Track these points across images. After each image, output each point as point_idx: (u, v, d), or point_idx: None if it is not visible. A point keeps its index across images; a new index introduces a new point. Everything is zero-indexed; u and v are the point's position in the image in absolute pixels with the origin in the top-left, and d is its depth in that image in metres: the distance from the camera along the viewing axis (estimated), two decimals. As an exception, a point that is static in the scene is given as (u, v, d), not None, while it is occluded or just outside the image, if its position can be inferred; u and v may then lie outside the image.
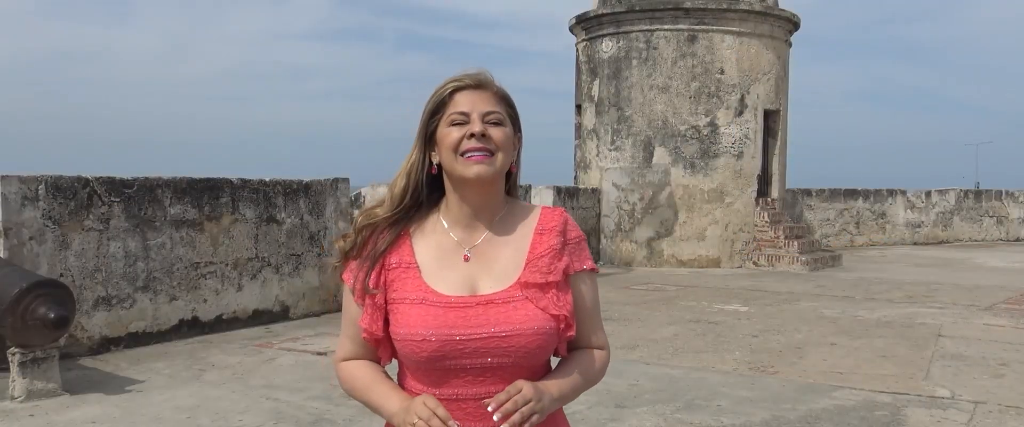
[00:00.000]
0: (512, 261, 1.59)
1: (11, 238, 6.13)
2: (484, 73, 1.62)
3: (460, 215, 1.61)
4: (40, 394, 5.24)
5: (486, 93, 1.60)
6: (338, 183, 9.07)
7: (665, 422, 4.83)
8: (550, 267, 1.58)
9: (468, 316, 1.52)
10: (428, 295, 1.55)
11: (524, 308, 1.54)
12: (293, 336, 7.50)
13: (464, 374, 1.53)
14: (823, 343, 7.28)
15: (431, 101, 1.61)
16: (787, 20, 14.75)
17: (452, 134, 1.56)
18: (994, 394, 5.53)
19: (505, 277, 1.58)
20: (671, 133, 14.26)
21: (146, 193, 7.13)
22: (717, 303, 9.74)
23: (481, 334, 1.51)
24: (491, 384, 1.53)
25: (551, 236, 1.62)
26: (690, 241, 14.31)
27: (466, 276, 1.58)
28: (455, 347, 1.51)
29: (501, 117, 1.59)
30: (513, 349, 1.52)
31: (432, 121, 1.60)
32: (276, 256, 8.35)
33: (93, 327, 6.70)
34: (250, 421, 4.82)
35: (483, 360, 1.52)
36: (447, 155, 1.57)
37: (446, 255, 1.60)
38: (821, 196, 19.37)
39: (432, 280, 1.57)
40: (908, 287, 11.43)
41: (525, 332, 1.52)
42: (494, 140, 1.56)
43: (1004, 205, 21.71)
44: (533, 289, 1.56)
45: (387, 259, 1.60)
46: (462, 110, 1.57)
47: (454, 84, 1.60)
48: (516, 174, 1.68)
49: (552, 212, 1.67)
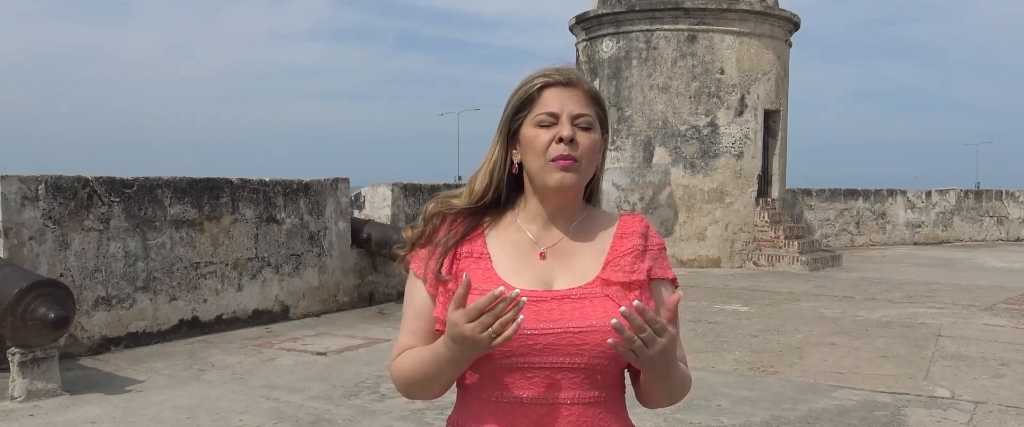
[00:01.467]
0: (591, 261, 1.51)
1: (11, 238, 6.13)
2: (574, 69, 1.53)
3: (538, 215, 1.54)
4: (40, 394, 5.24)
5: (576, 92, 1.50)
6: (338, 183, 9.07)
7: (665, 422, 4.83)
8: (633, 267, 1.50)
9: (541, 310, 1.43)
10: (499, 286, 1.44)
11: (602, 304, 1.45)
12: (293, 336, 7.50)
13: (532, 375, 1.43)
14: (823, 343, 7.28)
15: (516, 96, 1.51)
16: (787, 20, 14.75)
17: (540, 136, 1.47)
18: (994, 394, 5.53)
19: (582, 275, 1.49)
20: (671, 133, 14.26)
21: (146, 193, 7.13)
22: (717, 303, 9.74)
23: (554, 329, 1.41)
24: (562, 388, 1.43)
25: (632, 238, 1.55)
26: (690, 241, 14.31)
27: (541, 273, 1.49)
28: (524, 342, 1.40)
29: (591, 121, 1.50)
30: (588, 347, 1.41)
31: (516, 118, 1.50)
32: (276, 256, 8.35)
33: (93, 327, 6.70)
34: (250, 421, 4.82)
35: (554, 358, 1.42)
36: (533, 158, 1.48)
37: (521, 251, 1.52)
38: (821, 196, 19.37)
39: (505, 273, 1.48)
40: (908, 287, 11.43)
41: (601, 328, 1.41)
42: (582, 147, 1.47)
43: (1004, 205, 21.71)
44: (615, 287, 1.47)
45: (459, 249, 1.52)
46: (551, 110, 1.47)
47: (543, 79, 1.49)
48: (599, 179, 1.60)
49: (632, 217, 1.59)
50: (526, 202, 1.55)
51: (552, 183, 1.47)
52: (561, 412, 1.44)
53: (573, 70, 1.53)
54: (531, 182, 1.52)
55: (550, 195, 1.51)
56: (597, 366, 1.44)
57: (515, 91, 1.52)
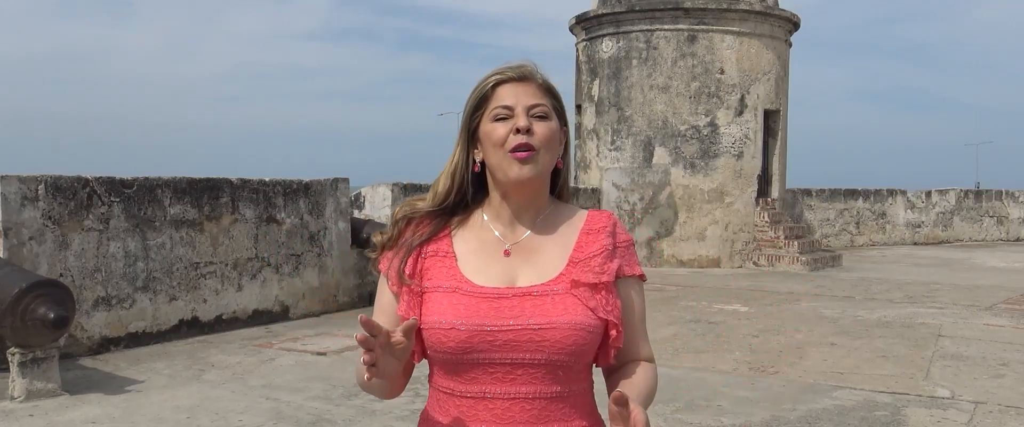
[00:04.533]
0: (556, 257, 1.52)
1: (11, 238, 6.13)
2: (528, 64, 1.55)
3: (502, 212, 1.56)
4: (40, 394, 5.24)
5: (530, 85, 1.53)
6: (338, 183, 9.07)
7: (665, 422, 4.82)
8: (603, 267, 1.51)
9: (501, 307, 1.45)
10: (462, 284, 1.49)
11: (564, 302, 1.46)
12: (293, 336, 7.50)
13: (494, 370, 1.45)
14: (823, 343, 7.28)
15: (472, 96, 1.54)
16: (787, 20, 14.75)
17: (497, 130, 1.49)
18: (994, 394, 5.53)
19: (546, 272, 1.50)
20: (671, 133, 14.26)
21: (146, 193, 7.14)
22: (717, 303, 9.74)
23: (513, 325, 1.43)
24: (522, 383, 1.45)
25: (601, 236, 1.55)
26: (690, 241, 14.31)
27: (505, 270, 1.51)
28: (484, 338, 1.43)
29: (547, 110, 1.52)
30: (547, 344, 1.43)
31: (474, 117, 1.53)
32: (276, 256, 8.34)
33: (93, 327, 6.70)
34: (250, 421, 4.81)
35: (514, 354, 1.44)
36: (493, 152, 1.50)
37: (487, 249, 1.54)
38: (821, 196, 19.36)
39: (468, 271, 1.51)
40: (908, 287, 11.43)
41: (561, 326, 1.43)
42: (539, 136, 1.49)
43: (1004, 205, 21.71)
44: (584, 288, 1.48)
45: (424, 248, 1.55)
46: (505, 104, 1.50)
47: (497, 77, 1.52)
48: (565, 172, 1.61)
49: (599, 214, 1.60)
50: (491, 200, 1.58)
51: (512, 175, 1.49)
52: (521, 406, 1.46)
53: (527, 65, 1.55)
54: (494, 179, 1.55)
55: (513, 190, 1.53)
56: (558, 362, 1.45)
57: (471, 92, 1.55)
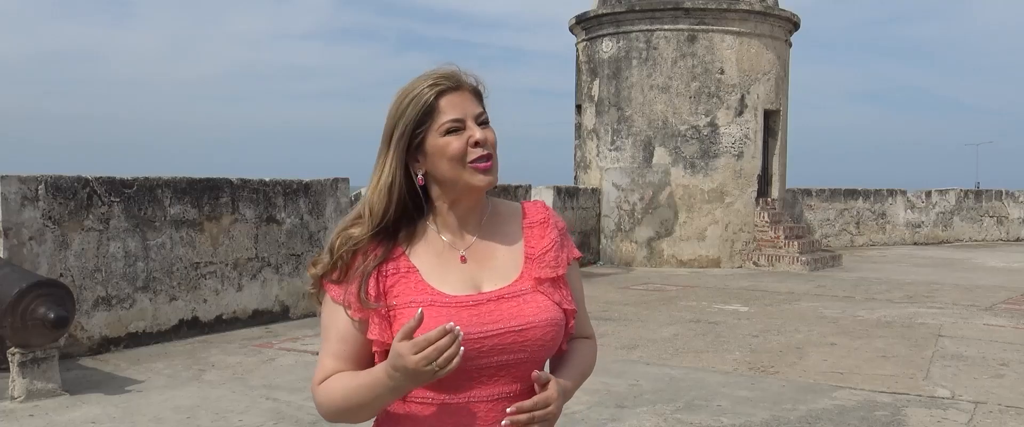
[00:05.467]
0: (511, 257, 1.57)
1: (11, 238, 6.12)
2: (455, 69, 1.54)
3: (449, 219, 1.57)
4: (40, 394, 5.23)
5: (466, 92, 1.53)
6: (338, 183, 9.07)
7: (665, 422, 4.83)
8: (557, 261, 1.58)
9: (480, 313, 1.48)
10: (436, 296, 1.49)
11: (535, 300, 1.52)
12: (293, 336, 7.50)
13: (478, 375, 1.48)
14: (823, 343, 7.28)
15: (411, 109, 1.50)
16: (787, 20, 14.75)
17: (452, 144, 1.49)
18: (994, 394, 5.53)
19: (507, 273, 1.55)
20: (671, 133, 14.26)
21: (146, 193, 7.13)
22: (717, 303, 9.74)
23: (497, 330, 1.47)
24: (506, 383, 1.49)
25: (546, 229, 1.61)
26: (690, 241, 14.31)
27: (467, 277, 1.53)
28: (471, 346, 1.43)
29: (487, 116, 1.55)
30: (530, 343, 1.49)
31: (418, 131, 1.50)
32: (276, 256, 8.35)
33: (93, 327, 6.69)
34: (250, 421, 4.82)
35: (499, 357, 1.47)
36: (450, 165, 1.50)
37: (443, 259, 1.55)
38: (821, 196, 19.37)
39: (434, 282, 1.51)
40: (908, 287, 11.43)
41: (540, 324, 1.50)
42: (491, 143, 1.52)
43: (1004, 205, 21.71)
44: (547, 284, 1.55)
45: (383, 268, 1.53)
46: (455, 117, 1.50)
47: (436, 88, 1.50)
48: None
49: (534, 206, 1.66)
50: (438, 210, 1.57)
51: (479, 184, 1.51)
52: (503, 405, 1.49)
53: (455, 70, 1.54)
54: (442, 189, 1.54)
55: (465, 198, 1.55)
56: (537, 358, 1.51)
57: (404, 104, 1.51)
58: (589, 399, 5.13)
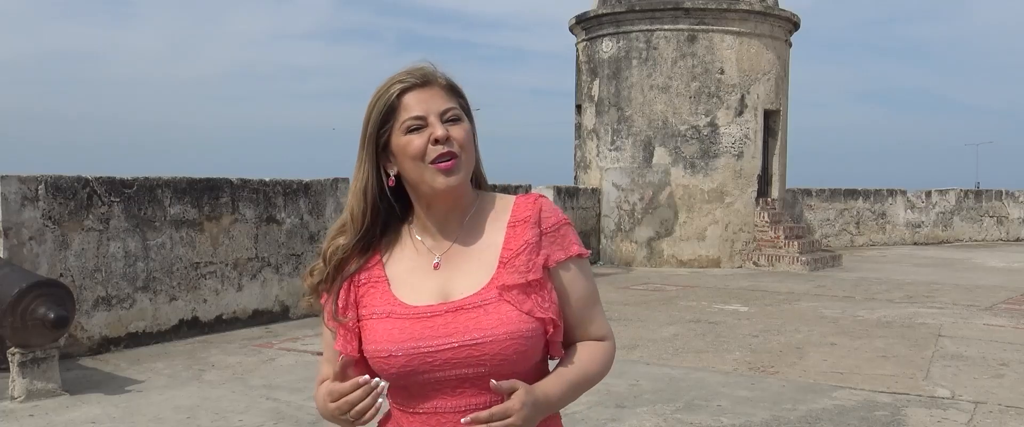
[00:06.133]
0: (485, 261, 1.46)
1: (11, 238, 6.13)
2: (427, 66, 1.47)
3: (428, 222, 1.50)
4: (40, 394, 5.23)
5: (435, 88, 1.45)
6: (338, 183, 9.07)
7: (665, 422, 4.83)
8: (528, 265, 1.43)
9: (435, 326, 1.40)
10: (395, 308, 1.44)
11: (497, 311, 1.40)
12: (293, 336, 7.50)
13: (441, 387, 1.41)
14: (823, 343, 7.28)
15: (375, 109, 1.45)
16: (787, 20, 14.76)
17: (413, 142, 1.42)
18: (994, 394, 5.53)
19: (478, 280, 1.44)
20: (671, 133, 14.26)
21: (146, 193, 7.13)
22: (717, 303, 9.74)
23: (450, 344, 1.38)
24: (470, 396, 1.41)
25: (525, 229, 1.47)
26: (690, 241, 14.31)
27: (438, 284, 1.46)
28: (424, 361, 1.38)
29: (458, 112, 1.46)
30: (487, 358, 1.38)
31: (383, 131, 1.44)
32: (276, 256, 8.35)
33: (93, 327, 6.70)
34: (250, 421, 4.82)
35: (456, 371, 1.39)
36: (412, 165, 1.43)
37: (417, 266, 1.49)
38: (821, 196, 19.37)
39: (401, 292, 1.46)
40: (908, 287, 11.43)
41: (499, 338, 1.38)
42: (457, 141, 1.43)
43: (1004, 205, 21.71)
44: (514, 291, 1.42)
45: (357, 277, 1.50)
46: (416, 114, 1.42)
47: (399, 86, 1.44)
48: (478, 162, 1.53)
49: (525, 201, 1.51)
50: (416, 213, 1.51)
51: (439, 186, 1.42)
52: None
53: (426, 67, 1.47)
54: (414, 191, 1.48)
55: (437, 199, 1.47)
56: (501, 372, 1.40)
57: (373, 104, 1.46)
58: (589, 399, 5.13)
